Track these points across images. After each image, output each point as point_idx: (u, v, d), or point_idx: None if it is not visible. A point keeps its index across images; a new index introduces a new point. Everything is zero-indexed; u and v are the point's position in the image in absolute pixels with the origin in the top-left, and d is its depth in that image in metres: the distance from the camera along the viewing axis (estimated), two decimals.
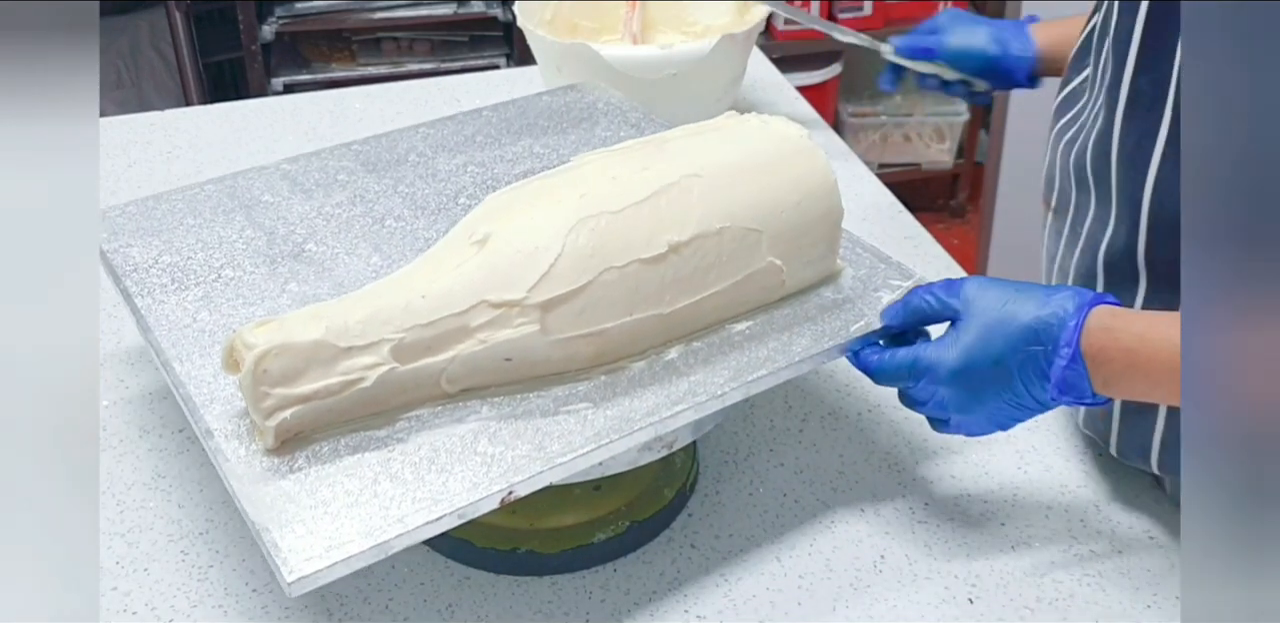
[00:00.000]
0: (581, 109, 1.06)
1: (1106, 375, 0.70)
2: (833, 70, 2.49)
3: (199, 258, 0.86)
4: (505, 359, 0.73)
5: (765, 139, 0.82)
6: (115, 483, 0.88)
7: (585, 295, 0.73)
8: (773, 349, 0.78)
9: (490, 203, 0.78)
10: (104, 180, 1.25)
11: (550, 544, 0.81)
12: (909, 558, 0.82)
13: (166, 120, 1.40)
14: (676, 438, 0.76)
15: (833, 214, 0.82)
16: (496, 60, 2.47)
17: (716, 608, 0.79)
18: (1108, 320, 0.70)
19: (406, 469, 0.68)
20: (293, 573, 0.62)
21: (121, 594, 0.80)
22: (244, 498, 0.67)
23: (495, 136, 1.02)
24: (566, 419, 0.72)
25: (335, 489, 0.67)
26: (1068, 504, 0.86)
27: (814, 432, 0.93)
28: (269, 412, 0.68)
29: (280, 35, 2.40)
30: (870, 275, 0.84)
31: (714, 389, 0.74)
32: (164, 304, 0.82)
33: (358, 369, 0.70)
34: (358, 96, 1.45)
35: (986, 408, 0.75)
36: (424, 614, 0.79)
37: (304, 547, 0.63)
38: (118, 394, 0.97)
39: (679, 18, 1.39)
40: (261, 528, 0.65)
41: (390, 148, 1.00)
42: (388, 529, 0.65)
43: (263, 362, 0.67)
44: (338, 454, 0.69)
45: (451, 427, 0.71)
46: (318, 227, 0.90)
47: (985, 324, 0.73)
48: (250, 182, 0.95)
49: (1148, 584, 0.80)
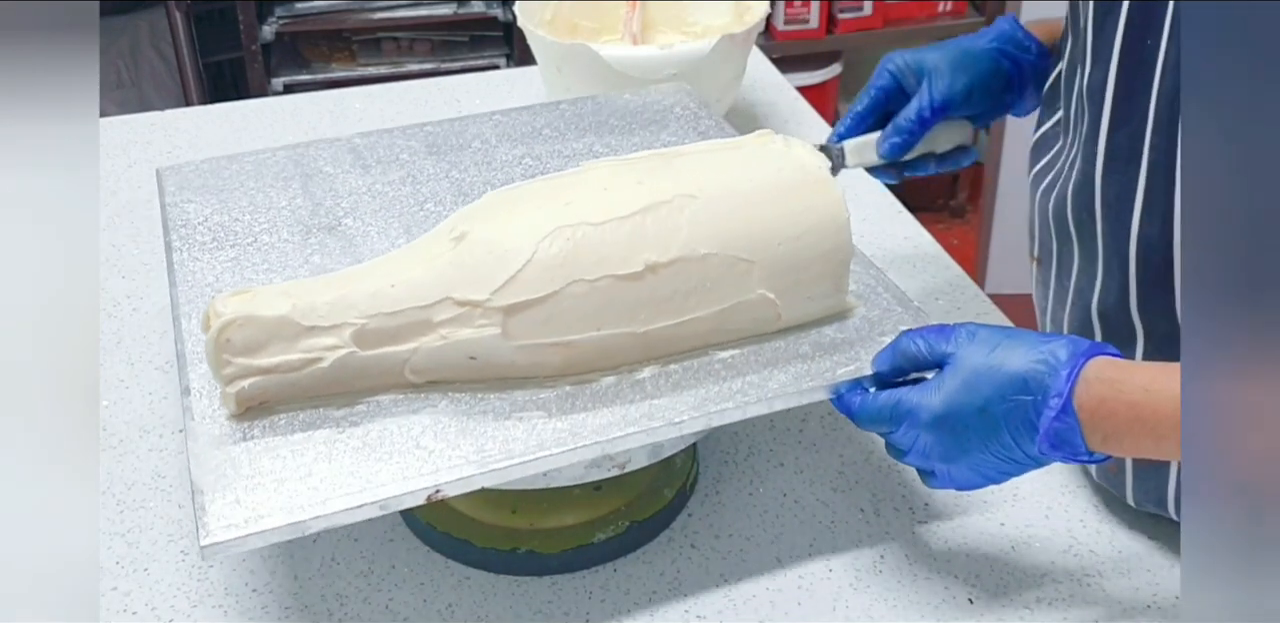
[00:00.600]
0: (657, 111, 1.05)
1: (1108, 431, 0.65)
2: (833, 70, 2.49)
3: (245, 221, 0.89)
4: (469, 358, 0.73)
5: (780, 166, 0.78)
6: (115, 483, 0.88)
7: (550, 304, 0.72)
8: (748, 382, 0.74)
9: (487, 199, 0.78)
10: (104, 180, 1.25)
11: (550, 544, 0.81)
12: (909, 558, 0.82)
13: (166, 120, 1.40)
14: (630, 459, 0.75)
15: (840, 252, 0.78)
16: (496, 60, 2.46)
17: (716, 608, 0.79)
18: (1109, 372, 0.66)
19: (346, 454, 0.69)
20: (208, 537, 0.64)
21: (121, 594, 0.80)
22: (193, 458, 0.69)
23: (562, 131, 1.02)
24: (516, 425, 0.71)
25: (275, 463, 0.69)
26: (1068, 505, 0.86)
27: (814, 432, 0.93)
28: (229, 379, 0.70)
29: (280, 35, 2.40)
30: (883, 318, 0.80)
31: (673, 415, 0.72)
32: (198, 262, 0.85)
33: (318, 349, 0.71)
34: (358, 96, 1.45)
35: (971, 458, 0.70)
36: (424, 614, 0.79)
37: (228, 514, 0.65)
38: (118, 394, 0.97)
39: (679, 18, 1.39)
40: (196, 490, 0.67)
41: (459, 133, 1.01)
42: (308, 510, 0.65)
43: (226, 330, 0.69)
44: (291, 429, 0.71)
45: (405, 417, 0.72)
46: (362, 202, 0.92)
47: (973, 369, 0.68)
48: (319, 151, 0.98)
49: (1148, 584, 0.80)
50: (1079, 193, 0.77)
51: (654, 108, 1.06)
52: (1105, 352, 0.67)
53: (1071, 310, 0.81)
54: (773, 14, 2.37)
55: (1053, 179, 0.82)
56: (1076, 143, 0.78)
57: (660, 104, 1.07)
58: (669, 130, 1.03)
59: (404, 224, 0.89)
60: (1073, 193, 0.78)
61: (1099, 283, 0.77)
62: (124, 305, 1.07)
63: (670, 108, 1.06)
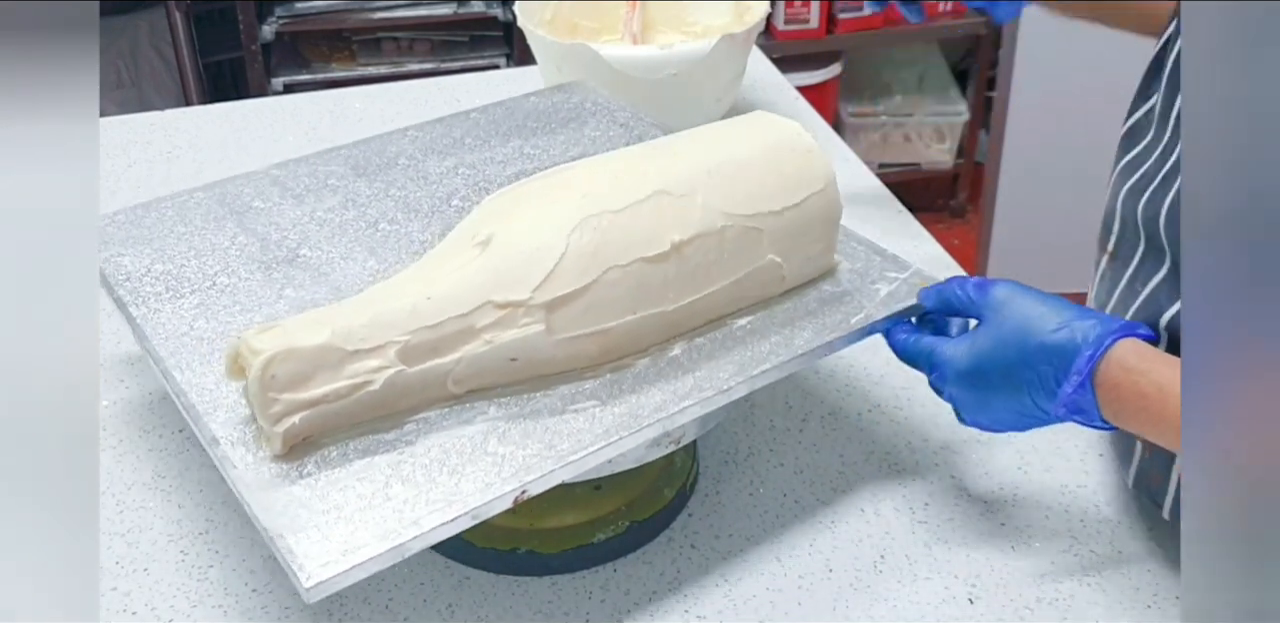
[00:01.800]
0: (569, 109, 1.06)
1: (1117, 411, 0.69)
2: (833, 70, 2.49)
3: (192, 265, 0.86)
4: (510, 359, 0.73)
5: (765, 138, 0.82)
6: (115, 483, 0.88)
7: (589, 294, 0.73)
8: (775, 343, 0.78)
9: (491, 203, 0.78)
10: (104, 180, 1.25)
11: (550, 544, 0.81)
12: (909, 558, 0.82)
13: (166, 120, 1.40)
14: (684, 433, 0.76)
15: (832, 211, 0.82)
16: (496, 60, 2.47)
17: (716, 608, 0.79)
18: (1132, 360, 0.68)
19: (418, 472, 0.68)
20: (310, 579, 0.62)
21: (121, 594, 0.80)
22: (255, 505, 0.66)
23: (484, 138, 1.02)
24: (575, 418, 0.72)
25: (347, 493, 0.67)
26: (1068, 504, 0.86)
27: (814, 432, 0.93)
28: (277, 417, 0.68)
29: (280, 35, 2.40)
30: (867, 268, 0.85)
31: (719, 384, 0.74)
32: (160, 313, 0.81)
33: (365, 372, 0.69)
34: (358, 96, 1.45)
35: (994, 412, 0.74)
36: (424, 614, 0.79)
37: (319, 552, 0.63)
38: (118, 394, 0.97)
39: (679, 18, 1.39)
40: (275, 534, 0.64)
41: (379, 151, 1.00)
42: (403, 532, 0.64)
43: (270, 367, 0.67)
44: (347, 458, 0.69)
45: (459, 428, 0.71)
46: (311, 232, 0.89)
47: (1003, 333, 0.72)
48: (240, 188, 0.95)
49: (1148, 584, 0.80)
50: (1176, 204, 0.74)
51: (564, 107, 1.07)
52: (1136, 333, 0.70)
53: (1136, 314, 0.79)
54: (773, 14, 2.37)
55: (1143, 176, 0.80)
56: (1167, 137, 0.77)
57: (569, 102, 1.07)
58: (590, 125, 1.04)
59: (366, 246, 0.87)
60: (1171, 202, 0.75)
61: (1177, 306, 0.75)
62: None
63: (581, 104, 1.07)
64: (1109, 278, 0.84)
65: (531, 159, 0.99)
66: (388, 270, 0.84)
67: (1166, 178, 0.77)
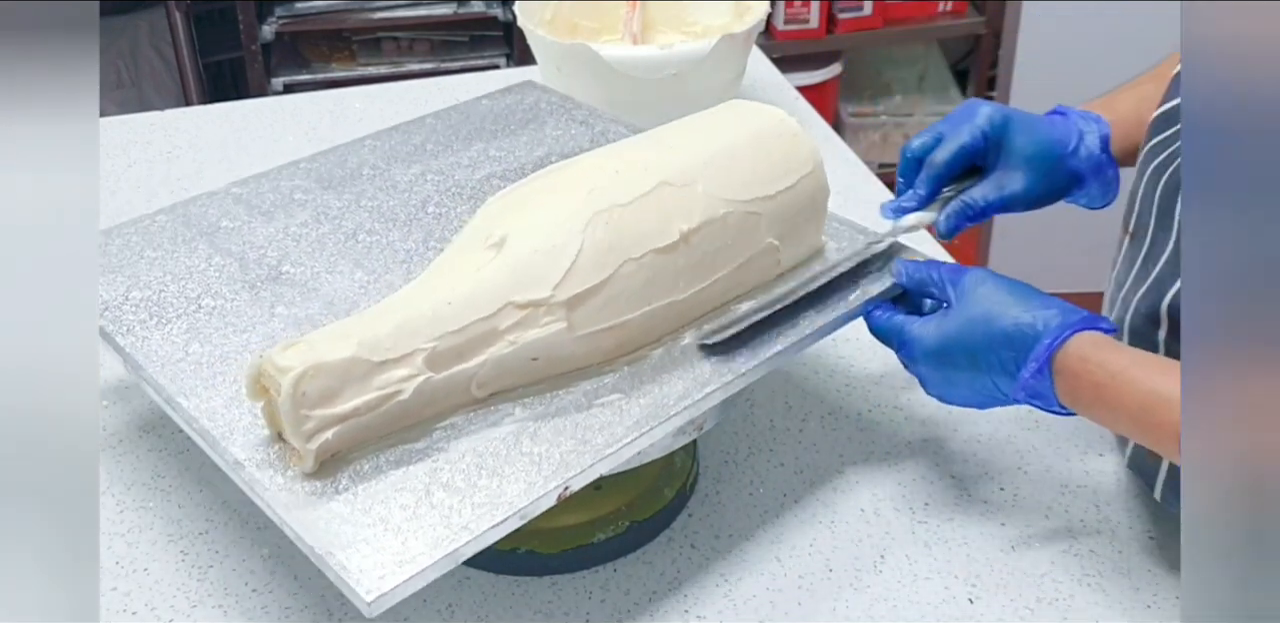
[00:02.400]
0: (525, 110, 1.06)
1: (1073, 399, 0.72)
2: (833, 70, 2.49)
3: (172, 290, 0.83)
4: (532, 359, 0.73)
5: (751, 125, 0.84)
6: (115, 483, 0.88)
7: (608, 289, 0.74)
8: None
9: (494, 205, 0.78)
10: (104, 180, 1.25)
11: (550, 544, 0.81)
12: (909, 558, 0.82)
13: (166, 120, 1.40)
14: (705, 420, 0.77)
15: (821, 192, 0.85)
16: (496, 60, 2.46)
17: (716, 608, 0.79)
18: (1088, 350, 0.70)
19: (457, 477, 0.68)
20: (370, 593, 0.61)
21: (121, 594, 0.80)
22: (296, 524, 0.65)
23: (445, 143, 1.01)
24: (602, 411, 0.73)
25: (390, 505, 0.66)
26: (1068, 504, 0.86)
27: (814, 432, 0.93)
28: (309, 434, 0.67)
29: (280, 35, 2.40)
30: (852, 246, 0.87)
31: (737, 368, 0.76)
32: (148, 341, 0.79)
33: (394, 382, 0.69)
34: (358, 96, 1.45)
35: (956, 389, 0.77)
36: (424, 614, 0.79)
37: (374, 565, 0.63)
38: (118, 394, 0.97)
39: (679, 18, 1.39)
40: (325, 552, 0.63)
41: (340, 163, 0.99)
42: (455, 538, 0.64)
43: (300, 384, 0.66)
44: (381, 471, 0.69)
45: (489, 431, 0.71)
46: (289, 248, 0.88)
47: (970, 316, 0.75)
48: (203, 208, 0.93)
49: (1148, 584, 0.80)
50: None
51: (520, 107, 1.07)
52: (1096, 327, 0.72)
53: (1143, 298, 0.79)
54: (773, 14, 2.37)
55: (1170, 156, 0.78)
56: None
57: (523, 103, 1.08)
58: (550, 125, 1.04)
59: (350, 259, 0.86)
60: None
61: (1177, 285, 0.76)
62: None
63: (536, 104, 1.07)
64: (1128, 258, 0.84)
65: (498, 161, 0.98)
66: (377, 281, 0.84)
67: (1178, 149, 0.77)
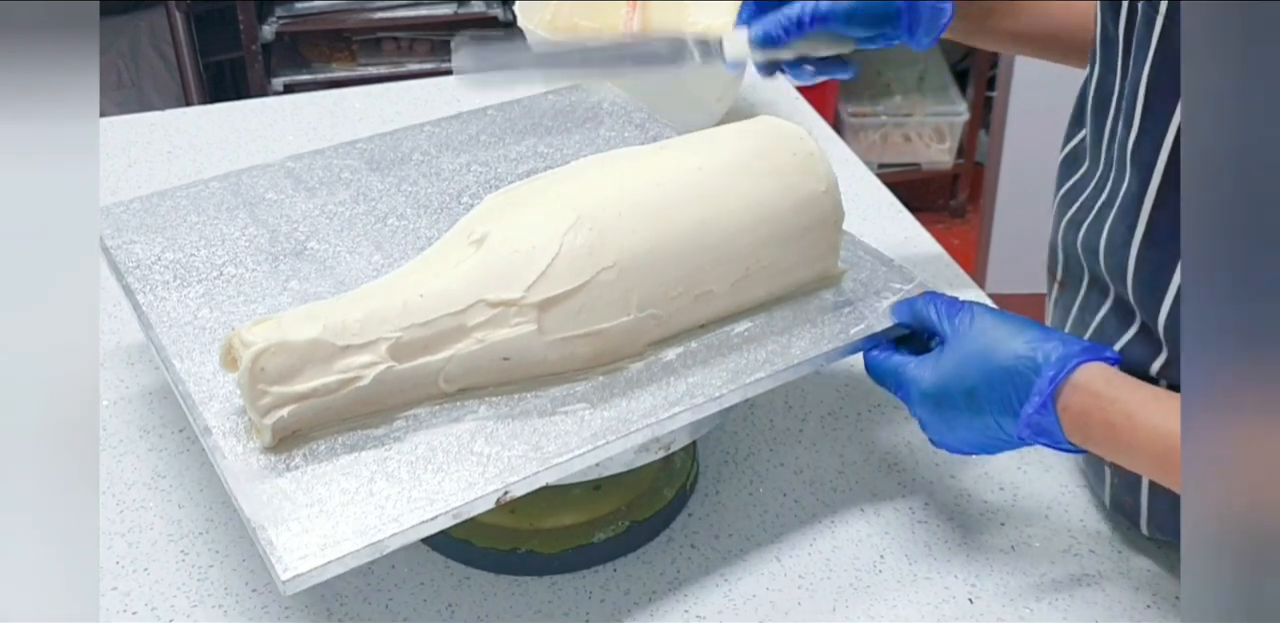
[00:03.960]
0: (586, 109, 1.06)
1: (1084, 437, 0.68)
2: None
3: (201, 255, 0.86)
4: (503, 359, 0.73)
5: (766, 141, 0.82)
6: (115, 483, 0.88)
7: (582, 295, 0.73)
8: (771, 351, 0.77)
9: (490, 202, 0.78)
10: (104, 180, 1.25)
11: (550, 544, 0.81)
12: (909, 558, 0.82)
13: (166, 120, 1.40)
14: (674, 440, 0.76)
15: (833, 217, 0.81)
16: None
17: (716, 608, 0.79)
18: (1100, 386, 0.67)
19: (403, 468, 0.68)
20: (287, 571, 0.62)
21: (121, 594, 0.80)
22: (240, 495, 0.67)
23: (499, 136, 1.02)
24: (564, 420, 0.72)
25: (331, 488, 0.67)
26: (1068, 504, 0.86)
27: (814, 432, 0.93)
28: (266, 410, 0.68)
29: (280, 35, 2.40)
30: (871, 278, 0.84)
31: (711, 391, 0.74)
32: (165, 301, 0.82)
33: (355, 368, 0.70)
34: (358, 96, 1.45)
35: (959, 434, 0.73)
36: (424, 614, 0.79)
37: (299, 545, 0.64)
38: (118, 394, 0.97)
39: (679, 18, 1.39)
40: (257, 526, 0.65)
41: (394, 146, 1.00)
42: (382, 528, 0.65)
43: (260, 359, 0.67)
44: (334, 453, 0.69)
45: (448, 426, 0.71)
46: (320, 225, 0.90)
47: (967, 353, 0.71)
48: (254, 179, 0.95)
49: (1147, 584, 0.80)
50: (1119, 237, 0.73)
51: (582, 106, 1.06)
52: (1101, 356, 0.68)
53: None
54: None
55: (1081, 207, 0.79)
56: (1103, 163, 0.76)
57: (587, 102, 1.07)
58: (605, 126, 1.03)
59: (373, 241, 0.88)
60: (1109, 235, 0.74)
61: (1129, 335, 0.75)
62: (124, 305, 1.07)
63: (598, 104, 1.07)
64: (1061, 306, 0.84)
65: (544, 158, 0.98)
66: (393, 265, 0.84)
67: (1101, 211, 0.76)
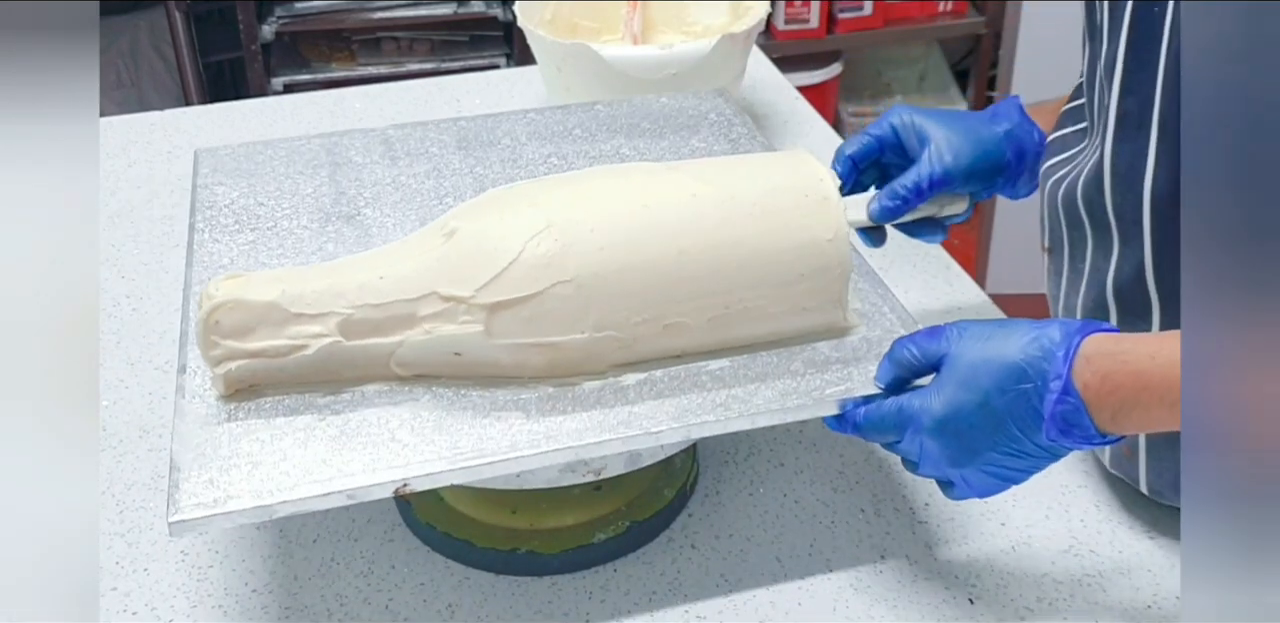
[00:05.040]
0: (690, 116, 1.04)
1: (1116, 406, 0.64)
2: (833, 70, 2.49)
3: (269, 205, 0.91)
4: (454, 354, 0.73)
5: (782, 178, 0.77)
6: (115, 483, 0.88)
7: (534, 304, 0.71)
8: (733, 396, 0.73)
9: (484, 196, 0.78)
10: (104, 180, 1.25)
11: (550, 544, 0.81)
12: (909, 558, 0.82)
13: (166, 120, 1.40)
14: (605, 466, 0.75)
15: (837, 268, 0.76)
16: (496, 60, 2.46)
17: (716, 608, 0.79)
18: (1110, 345, 0.65)
19: (323, 442, 0.70)
20: (177, 514, 0.65)
21: (121, 594, 0.80)
22: (177, 436, 0.70)
23: (593, 131, 1.02)
24: (493, 424, 0.71)
25: (253, 446, 0.70)
26: (1068, 504, 0.86)
27: (814, 432, 0.93)
28: (217, 360, 0.71)
29: (280, 35, 2.40)
30: (883, 338, 0.77)
31: (650, 424, 0.70)
32: (217, 243, 0.86)
33: (303, 337, 0.72)
34: (358, 96, 1.45)
35: (982, 459, 0.69)
36: (424, 614, 0.79)
37: (200, 493, 0.66)
38: (118, 394, 0.97)
39: (679, 18, 1.39)
40: (174, 467, 0.68)
41: (491, 129, 1.01)
42: (276, 494, 0.66)
43: (215, 313, 0.71)
44: (275, 413, 0.72)
45: (386, 408, 0.72)
46: (384, 193, 0.92)
47: (968, 365, 0.67)
48: (352, 141, 0.99)
49: (1148, 584, 0.80)
50: (1091, 173, 0.77)
51: (688, 113, 1.05)
52: (1099, 329, 0.67)
53: (1086, 292, 0.80)
54: (773, 14, 2.37)
55: (1066, 172, 0.82)
56: (1096, 139, 0.78)
57: (696, 109, 1.06)
58: (699, 136, 1.01)
59: (420, 216, 0.89)
60: (1085, 174, 0.78)
61: (1114, 259, 0.77)
62: (124, 305, 1.07)
63: (705, 114, 1.05)
64: (1054, 272, 0.85)
65: (623, 159, 0.98)
66: None
67: (1081, 159, 0.79)
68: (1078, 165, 0.81)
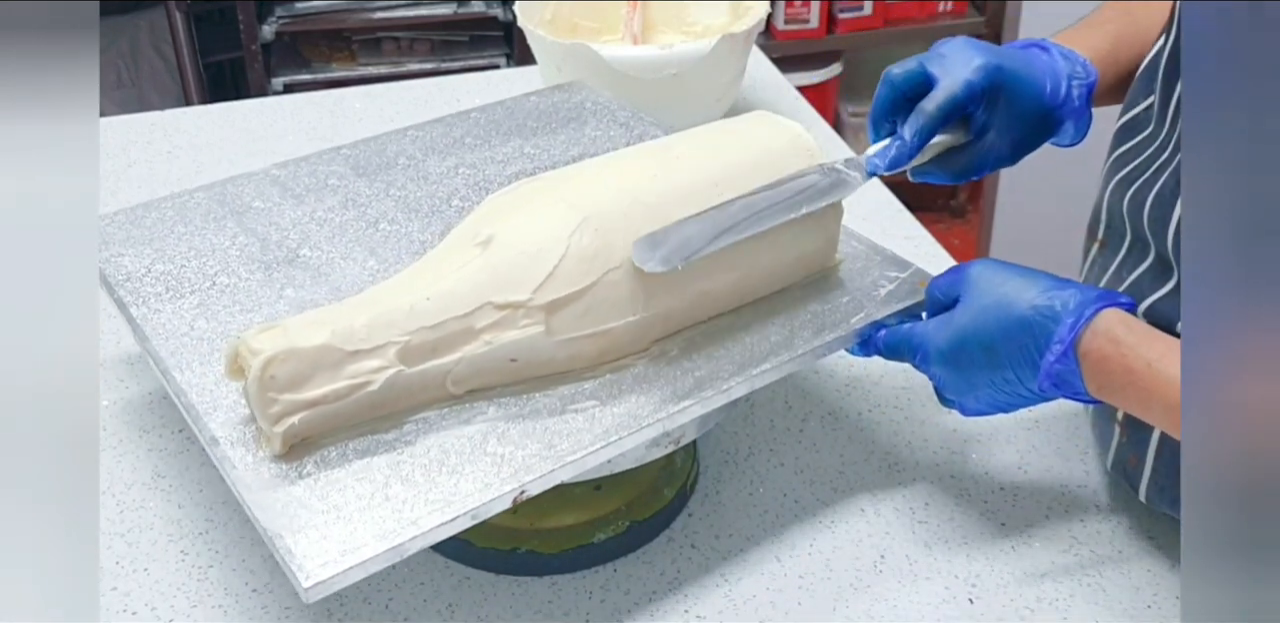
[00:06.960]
0: (570, 109, 1.06)
1: (1102, 384, 0.68)
2: (833, 70, 2.49)
3: (193, 265, 0.85)
4: (510, 360, 0.73)
5: (766, 139, 0.82)
6: (115, 483, 0.88)
7: (589, 296, 0.73)
8: (775, 343, 0.78)
9: (491, 203, 0.78)
10: (104, 180, 1.25)
11: (550, 544, 0.81)
12: (909, 558, 0.82)
13: (166, 120, 1.40)
14: (684, 433, 0.77)
15: (832, 211, 0.82)
16: (496, 60, 2.46)
17: (716, 608, 0.79)
18: (1120, 333, 0.67)
19: (417, 472, 0.68)
20: (309, 579, 0.62)
21: (121, 594, 0.80)
22: (254, 505, 0.66)
23: (485, 138, 1.02)
24: (574, 418, 0.72)
25: (346, 494, 0.67)
26: (1068, 504, 0.86)
27: (814, 432, 0.93)
28: (276, 418, 0.68)
29: (280, 35, 2.40)
30: (866, 268, 0.85)
31: (719, 385, 0.74)
32: (160, 313, 0.81)
33: (364, 373, 0.69)
34: (358, 96, 1.45)
35: (978, 391, 0.74)
36: (424, 614, 0.79)
37: (318, 552, 0.63)
38: (118, 394, 0.97)
39: (679, 18, 1.39)
40: (274, 535, 0.64)
41: (379, 151, 1.00)
42: (402, 532, 0.64)
43: (269, 367, 0.67)
44: (346, 459, 0.69)
45: (459, 428, 0.71)
46: (311, 232, 0.89)
47: (982, 307, 0.72)
48: (240, 188, 0.94)
49: (1148, 584, 0.80)
50: (1164, 192, 0.74)
51: (565, 106, 1.06)
52: (1117, 302, 0.69)
53: None
54: (773, 14, 2.37)
55: (1135, 168, 0.79)
56: (1165, 134, 0.76)
57: (570, 102, 1.07)
58: (590, 125, 1.03)
59: (366, 247, 0.87)
60: (1156, 193, 0.75)
61: (1165, 289, 0.74)
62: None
63: (582, 104, 1.07)
64: (1099, 265, 0.84)
65: (531, 159, 0.99)
66: (388, 270, 0.84)
67: (1157, 171, 0.77)
68: (1145, 167, 0.78)
